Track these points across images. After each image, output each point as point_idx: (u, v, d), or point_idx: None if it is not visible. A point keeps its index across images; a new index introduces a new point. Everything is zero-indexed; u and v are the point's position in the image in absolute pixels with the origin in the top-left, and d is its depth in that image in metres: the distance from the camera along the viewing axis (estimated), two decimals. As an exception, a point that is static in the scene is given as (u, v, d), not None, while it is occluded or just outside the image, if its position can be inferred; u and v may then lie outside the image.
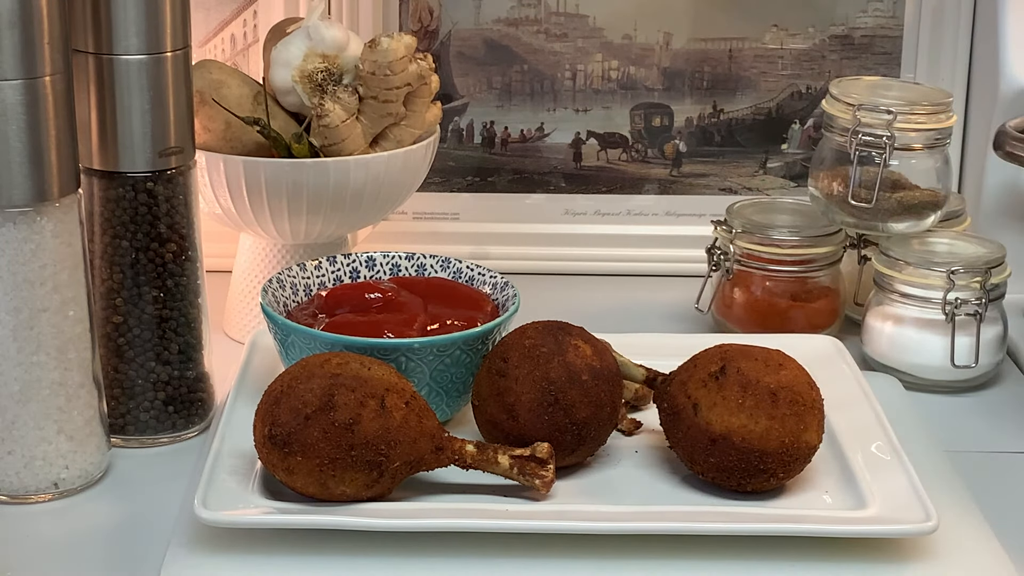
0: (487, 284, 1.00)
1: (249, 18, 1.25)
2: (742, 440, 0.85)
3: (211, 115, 1.05)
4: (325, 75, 1.06)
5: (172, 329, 0.96)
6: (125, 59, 0.92)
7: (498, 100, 1.30)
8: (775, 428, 0.85)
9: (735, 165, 1.31)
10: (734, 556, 0.82)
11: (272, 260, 1.12)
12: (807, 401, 0.86)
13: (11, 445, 0.89)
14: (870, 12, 1.28)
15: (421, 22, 1.28)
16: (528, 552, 0.82)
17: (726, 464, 0.86)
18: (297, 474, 0.82)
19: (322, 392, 0.82)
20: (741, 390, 0.86)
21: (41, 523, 0.88)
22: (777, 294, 1.14)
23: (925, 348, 1.08)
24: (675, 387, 0.89)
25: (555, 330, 0.89)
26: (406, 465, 0.84)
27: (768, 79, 1.30)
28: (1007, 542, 0.85)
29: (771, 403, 0.85)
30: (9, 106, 0.84)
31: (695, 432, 0.86)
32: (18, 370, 0.88)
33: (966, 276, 1.06)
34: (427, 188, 1.27)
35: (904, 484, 0.86)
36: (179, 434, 0.98)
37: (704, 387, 0.87)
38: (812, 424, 0.86)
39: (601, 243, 1.29)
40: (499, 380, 0.88)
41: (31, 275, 0.87)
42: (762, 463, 0.85)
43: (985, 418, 1.05)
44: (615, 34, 1.29)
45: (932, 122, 1.11)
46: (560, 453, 0.87)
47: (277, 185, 1.05)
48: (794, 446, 0.85)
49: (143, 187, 0.94)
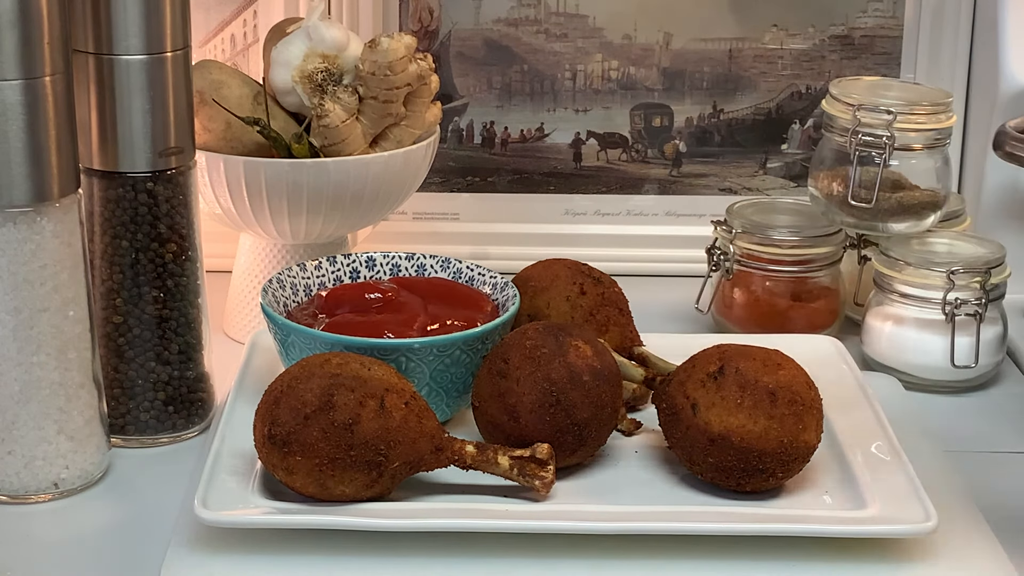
0: (487, 284, 1.00)
1: (249, 18, 1.25)
2: (741, 440, 0.85)
3: (211, 115, 1.05)
4: (325, 75, 1.06)
5: (172, 329, 0.96)
6: (125, 59, 0.92)
7: (498, 100, 1.30)
8: (774, 428, 0.85)
9: (735, 165, 1.31)
10: (734, 556, 0.82)
11: (272, 260, 1.12)
12: (806, 401, 0.86)
13: (11, 445, 0.89)
14: (870, 12, 1.28)
15: (421, 22, 1.28)
16: (528, 552, 0.82)
17: (725, 464, 0.86)
18: (297, 474, 0.82)
19: (322, 392, 0.82)
20: (740, 390, 0.86)
21: (41, 523, 0.88)
22: (777, 294, 1.14)
23: (925, 348, 1.08)
24: (674, 387, 0.89)
25: (555, 331, 0.89)
26: (406, 465, 0.84)
27: (768, 79, 1.30)
28: (1007, 542, 0.85)
29: (770, 403, 0.85)
30: (9, 106, 0.84)
31: (694, 432, 0.86)
32: (18, 370, 0.88)
33: (966, 276, 1.06)
34: (427, 188, 1.27)
35: (904, 484, 0.86)
36: (179, 434, 0.98)
37: (703, 387, 0.87)
38: (811, 424, 0.86)
39: (601, 243, 1.29)
40: (500, 381, 0.88)
41: (31, 275, 0.87)
42: (761, 463, 0.85)
43: (985, 418, 1.05)
44: (615, 34, 1.29)
45: (932, 122, 1.11)
46: (561, 454, 0.87)
47: (277, 185, 1.05)
48: (793, 446, 0.85)
49: (143, 187, 0.94)
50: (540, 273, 1.00)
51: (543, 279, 0.99)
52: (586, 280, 0.99)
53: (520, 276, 1.00)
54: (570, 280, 0.99)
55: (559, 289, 0.99)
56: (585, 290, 0.98)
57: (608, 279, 1.01)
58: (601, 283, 1.00)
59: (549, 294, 0.98)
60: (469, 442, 0.86)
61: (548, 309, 0.98)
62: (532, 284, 0.99)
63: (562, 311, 0.98)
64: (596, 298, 0.98)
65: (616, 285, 1.01)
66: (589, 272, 1.00)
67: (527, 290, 0.99)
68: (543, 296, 0.99)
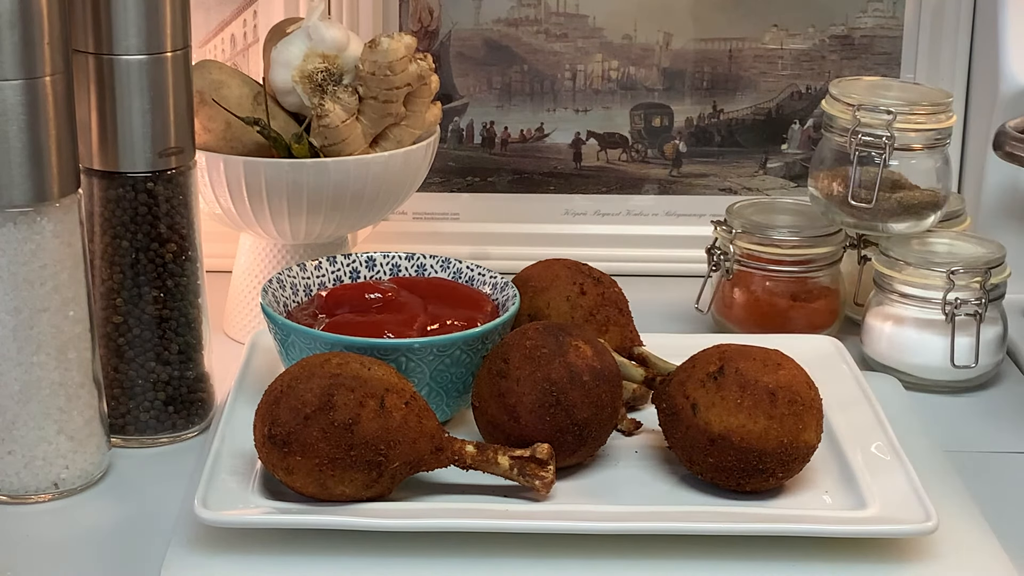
0: (487, 284, 1.00)
1: (249, 18, 1.25)
2: (741, 440, 0.85)
3: (211, 115, 1.05)
4: (325, 75, 1.06)
5: (172, 329, 0.96)
6: (125, 59, 0.92)
7: (498, 100, 1.30)
8: (774, 428, 0.85)
9: (735, 165, 1.31)
10: (734, 556, 0.82)
11: (272, 260, 1.12)
12: (806, 401, 0.86)
13: (11, 445, 0.89)
14: (870, 12, 1.28)
15: (421, 22, 1.28)
16: (528, 552, 0.82)
17: (725, 464, 0.86)
18: (296, 474, 0.82)
19: (321, 392, 0.82)
20: (740, 390, 0.86)
21: (41, 523, 0.88)
22: (777, 294, 1.14)
23: (925, 348, 1.08)
24: (674, 387, 0.89)
25: (555, 331, 0.89)
26: (405, 465, 0.84)
27: (768, 79, 1.30)
28: (1007, 542, 0.85)
29: (770, 403, 0.85)
30: (9, 106, 0.84)
31: (694, 432, 0.86)
32: (18, 370, 0.88)
33: (966, 276, 1.06)
34: (427, 188, 1.27)
35: (904, 484, 0.86)
36: (179, 434, 0.98)
37: (703, 387, 0.87)
38: (811, 424, 0.86)
39: (601, 243, 1.29)
40: (500, 381, 0.88)
41: (31, 275, 0.87)
42: (761, 463, 0.85)
43: (985, 418, 1.05)
44: (615, 34, 1.29)
45: (932, 122, 1.11)
46: (561, 454, 0.87)
47: (277, 185, 1.05)
48: (793, 446, 0.85)
49: (143, 187, 0.94)
50: (540, 273, 1.00)
51: (543, 279, 0.99)
52: (586, 280, 0.99)
53: (520, 276, 1.01)
54: (570, 280, 0.99)
55: (559, 289, 0.99)
56: (585, 290, 0.99)
57: (608, 279, 1.01)
58: (601, 283, 1.00)
59: (549, 294, 0.99)
60: (469, 442, 0.86)
61: (548, 309, 0.98)
62: (532, 284, 0.99)
63: (562, 311, 0.98)
64: (596, 298, 0.99)
65: (616, 285, 1.01)
66: (589, 272, 1.00)
67: (527, 290, 0.99)
68: (543, 296, 0.99)
